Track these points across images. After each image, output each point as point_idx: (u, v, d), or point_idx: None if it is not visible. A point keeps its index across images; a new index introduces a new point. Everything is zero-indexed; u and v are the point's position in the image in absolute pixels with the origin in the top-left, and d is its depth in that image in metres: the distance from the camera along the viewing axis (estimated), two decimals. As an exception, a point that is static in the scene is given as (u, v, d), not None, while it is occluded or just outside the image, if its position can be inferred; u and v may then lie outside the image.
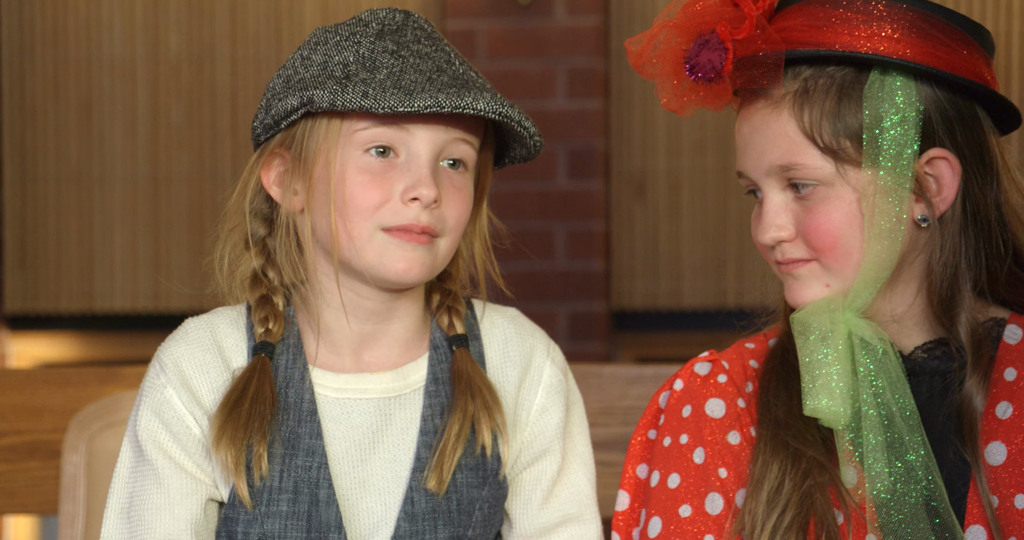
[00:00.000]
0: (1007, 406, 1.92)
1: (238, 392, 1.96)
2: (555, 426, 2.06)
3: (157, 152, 5.30)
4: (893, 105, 1.89)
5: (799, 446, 1.92)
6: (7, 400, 3.00)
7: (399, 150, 1.95)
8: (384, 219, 1.94)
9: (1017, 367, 1.94)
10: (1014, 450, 1.91)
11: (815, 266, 1.93)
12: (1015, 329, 1.97)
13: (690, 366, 2.04)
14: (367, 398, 2.00)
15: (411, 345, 2.03)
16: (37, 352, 5.39)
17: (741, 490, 1.96)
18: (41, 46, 5.34)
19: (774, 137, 1.92)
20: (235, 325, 2.02)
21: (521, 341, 2.07)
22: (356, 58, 1.94)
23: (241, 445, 1.93)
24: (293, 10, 5.25)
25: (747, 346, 2.05)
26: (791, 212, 1.93)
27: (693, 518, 1.95)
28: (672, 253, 5.19)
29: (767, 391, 1.98)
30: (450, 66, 1.97)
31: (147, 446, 1.98)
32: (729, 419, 1.99)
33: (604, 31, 5.11)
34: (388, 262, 1.95)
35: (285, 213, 2.00)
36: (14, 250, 5.34)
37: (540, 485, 2.05)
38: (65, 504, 2.69)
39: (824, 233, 1.91)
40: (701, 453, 1.98)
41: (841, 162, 1.90)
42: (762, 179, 1.94)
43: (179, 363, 1.99)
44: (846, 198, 1.90)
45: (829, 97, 1.90)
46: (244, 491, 1.93)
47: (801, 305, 1.94)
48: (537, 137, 1.99)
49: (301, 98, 1.93)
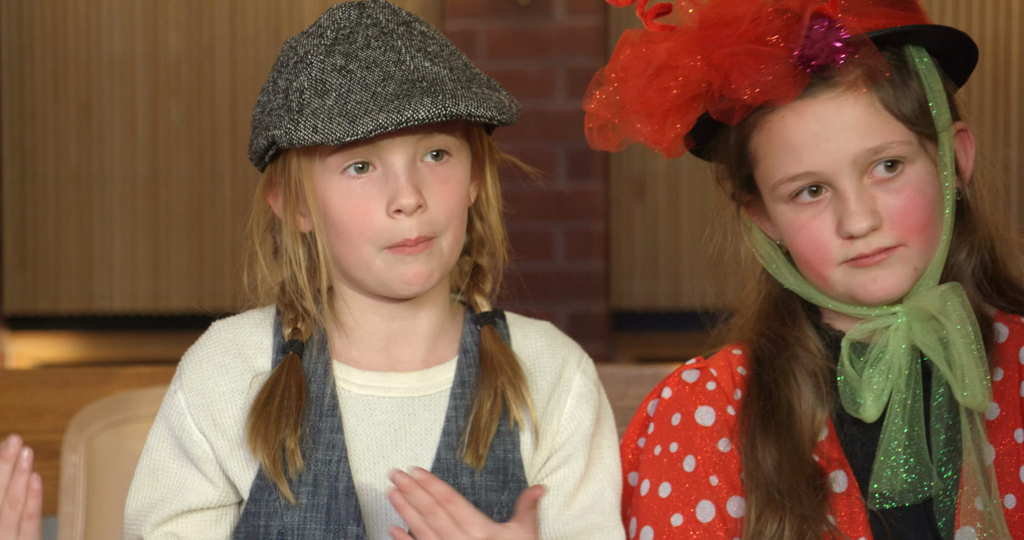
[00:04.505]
0: (995, 407, 1.92)
1: (267, 391, 1.97)
2: (582, 433, 2.04)
3: (157, 152, 5.30)
4: (932, 76, 1.90)
5: (793, 505, 1.90)
6: (7, 400, 3.00)
7: (374, 162, 1.96)
8: (381, 239, 1.95)
9: (1003, 367, 1.94)
10: (1002, 451, 1.90)
11: (903, 251, 1.90)
12: (1001, 326, 1.96)
13: (677, 374, 2.03)
14: (390, 397, 2.00)
15: (439, 343, 2.03)
16: (37, 352, 5.39)
17: (733, 497, 1.95)
18: (41, 46, 5.34)
19: (858, 121, 1.88)
20: (260, 326, 2.03)
21: (553, 353, 2.06)
22: (310, 82, 1.96)
23: (274, 442, 1.94)
24: (293, 10, 5.25)
25: (734, 353, 2.02)
26: (874, 199, 1.89)
27: (684, 527, 1.94)
28: (671, 253, 5.19)
29: (751, 440, 1.94)
30: (399, 66, 1.96)
31: (151, 441, 2.02)
32: (719, 426, 1.98)
33: (603, 31, 5.11)
34: (395, 277, 1.96)
35: (292, 233, 2.01)
36: (14, 250, 5.34)
37: (562, 491, 2.03)
38: (65, 504, 2.69)
39: (919, 211, 1.88)
40: (692, 461, 1.97)
41: (922, 136, 1.89)
42: (842, 171, 1.89)
43: (198, 366, 2.01)
44: (929, 172, 1.89)
45: (894, 74, 1.89)
46: (287, 489, 1.94)
47: (890, 295, 1.91)
48: (499, 116, 1.97)
49: (267, 138, 1.97)
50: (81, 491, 2.68)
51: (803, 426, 1.93)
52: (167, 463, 2.01)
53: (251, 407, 1.97)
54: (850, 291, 1.92)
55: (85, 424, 2.70)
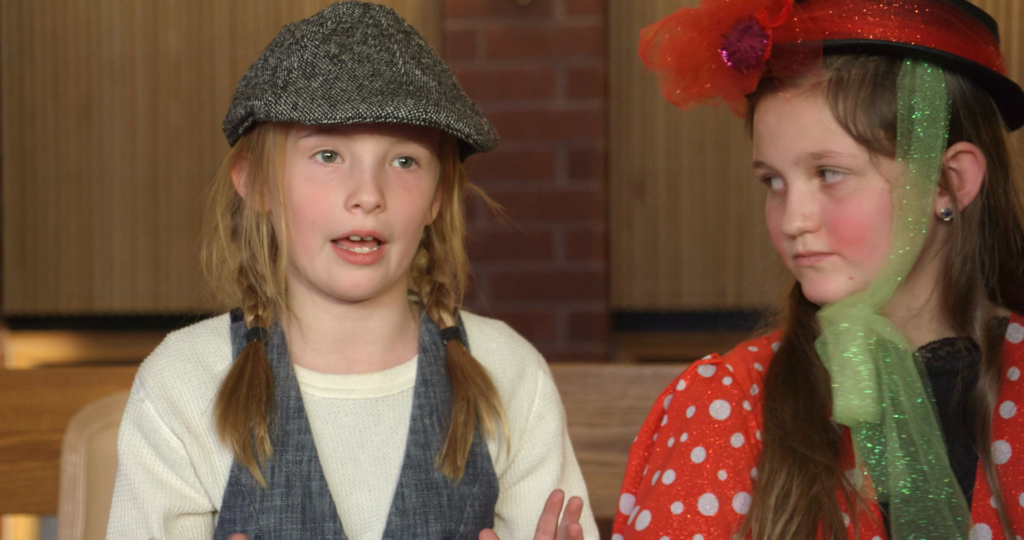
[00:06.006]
0: (1011, 406, 1.92)
1: (234, 379, 1.98)
2: (552, 434, 2.08)
3: (157, 152, 5.30)
4: (924, 96, 1.89)
5: (806, 451, 1.91)
6: (7, 400, 3.00)
7: (344, 155, 1.97)
8: (330, 229, 1.96)
9: (1020, 366, 1.94)
10: (1019, 449, 1.91)
11: (837, 259, 1.92)
12: (1017, 328, 1.97)
13: (693, 368, 2.04)
14: (354, 399, 2.01)
15: (397, 344, 2.04)
16: (36, 352, 5.39)
17: (739, 494, 1.95)
18: (40, 47, 5.34)
19: (807, 125, 1.91)
20: (217, 333, 2.04)
21: (513, 351, 2.09)
22: (299, 63, 1.97)
23: (244, 428, 1.95)
24: (293, 10, 5.25)
25: (750, 349, 2.04)
26: (817, 202, 1.92)
27: (684, 516, 1.95)
28: (672, 253, 5.19)
29: (773, 396, 1.97)
30: (390, 67, 1.97)
31: (126, 460, 2.01)
32: (733, 421, 1.98)
33: (603, 31, 5.11)
34: (335, 277, 1.98)
35: (255, 213, 2.03)
36: (14, 250, 5.33)
37: (542, 494, 2.06)
38: (64, 504, 2.69)
39: (854, 224, 1.90)
40: (701, 452, 1.97)
41: (874, 152, 1.89)
42: (789, 168, 1.93)
43: (159, 376, 2.02)
44: (877, 189, 1.90)
45: (864, 87, 1.90)
46: (258, 473, 1.95)
47: (824, 298, 1.93)
48: (476, 137, 1.98)
49: (246, 108, 1.98)
50: (81, 491, 2.68)
51: (821, 392, 1.95)
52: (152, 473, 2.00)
53: (218, 394, 1.98)
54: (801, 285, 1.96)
55: (85, 424, 2.70)
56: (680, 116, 5.19)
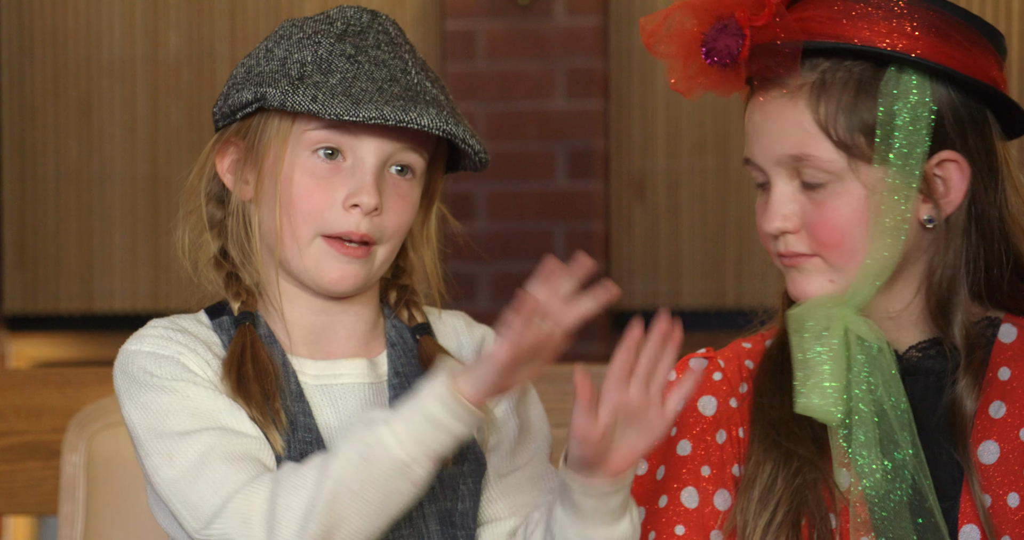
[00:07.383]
0: (1000, 405, 1.92)
1: (237, 356, 1.97)
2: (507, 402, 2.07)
3: (157, 152, 5.31)
4: (907, 103, 1.89)
5: (791, 445, 1.92)
6: (6, 400, 3.00)
7: (346, 154, 1.97)
8: (325, 225, 1.96)
9: (1011, 366, 1.94)
10: (1007, 449, 1.91)
11: (818, 261, 1.92)
12: (1010, 327, 1.97)
13: (685, 361, 2.04)
14: (342, 383, 2.02)
15: (370, 339, 2.05)
16: (36, 352, 5.39)
17: (720, 490, 1.96)
18: (41, 46, 5.34)
19: (787, 127, 1.91)
20: (200, 323, 2.05)
21: (471, 332, 2.10)
22: (314, 58, 1.97)
23: (261, 398, 1.94)
24: (293, 10, 5.25)
25: (744, 346, 2.04)
26: (798, 203, 1.92)
27: (667, 508, 1.96)
28: (671, 253, 5.19)
29: (761, 390, 1.98)
30: (405, 75, 1.98)
31: (148, 379, 1.98)
32: (718, 417, 1.99)
33: (603, 31, 5.12)
34: (323, 270, 1.98)
35: (236, 201, 2.03)
36: (14, 250, 5.34)
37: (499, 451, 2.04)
38: (64, 504, 2.69)
39: (832, 228, 1.90)
40: (686, 446, 1.98)
41: (853, 157, 1.89)
42: (771, 167, 1.93)
43: (156, 338, 2.01)
44: (855, 194, 1.90)
45: (846, 91, 1.89)
46: (276, 437, 1.94)
47: (805, 298, 1.93)
48: (483, 154, 2.00)
49: (255, 93, 1.97)
50: (81, 491, 2.68)
51: None
52: (185, 393, 1.94)
53: (224, 369, 1.95)
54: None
55: (85, 424, 2.70)
56: (680, 116, 5.19)
